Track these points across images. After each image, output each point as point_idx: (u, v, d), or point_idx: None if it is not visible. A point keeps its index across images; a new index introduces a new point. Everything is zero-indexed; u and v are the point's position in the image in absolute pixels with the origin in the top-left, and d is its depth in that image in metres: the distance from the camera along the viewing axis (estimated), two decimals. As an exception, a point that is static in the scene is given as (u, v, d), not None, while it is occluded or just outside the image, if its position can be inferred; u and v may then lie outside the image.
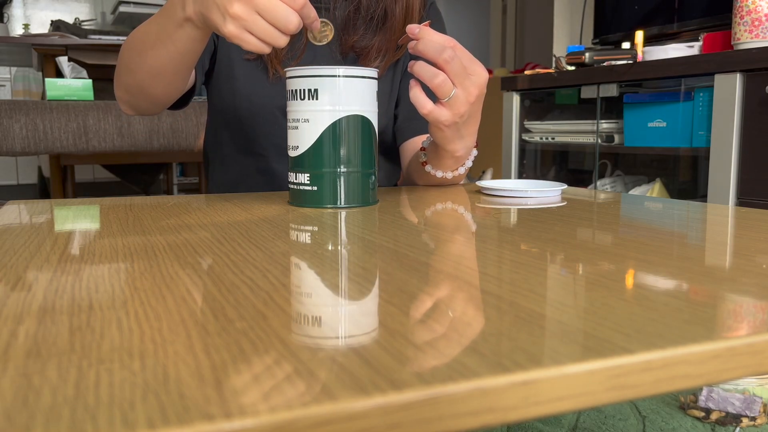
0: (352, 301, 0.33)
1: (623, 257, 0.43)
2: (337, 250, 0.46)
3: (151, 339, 0.27)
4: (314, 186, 0.67)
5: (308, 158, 0.67)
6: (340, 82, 0.65)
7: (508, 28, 3.94)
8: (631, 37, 2.21)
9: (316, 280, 0.38)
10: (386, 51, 0.96)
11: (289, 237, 0.51)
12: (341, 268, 0.41)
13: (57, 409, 0.20)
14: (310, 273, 0.39)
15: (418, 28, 0.69)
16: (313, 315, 0.30)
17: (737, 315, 0.30)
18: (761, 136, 1.56)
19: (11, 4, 4.25)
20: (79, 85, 2.25)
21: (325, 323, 0.29)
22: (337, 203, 0.68)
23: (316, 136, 0.66)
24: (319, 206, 0.67)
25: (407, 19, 0.96)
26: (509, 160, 2.42)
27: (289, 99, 0.68)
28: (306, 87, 0.65)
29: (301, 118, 0.66)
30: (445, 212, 0.67)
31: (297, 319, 0.30)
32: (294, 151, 0.68)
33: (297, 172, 0.68)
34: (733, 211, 0.67)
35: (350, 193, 0.68)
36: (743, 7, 1.72)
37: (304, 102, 0.66)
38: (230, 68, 0.96)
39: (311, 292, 0.35)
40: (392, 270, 0.40)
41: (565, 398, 0.24)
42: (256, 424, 0.20)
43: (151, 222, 0.59)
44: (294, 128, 0.67)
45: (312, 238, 0.51)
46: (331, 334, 0.28)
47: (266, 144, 0.98)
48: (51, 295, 0.34)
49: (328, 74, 0.65)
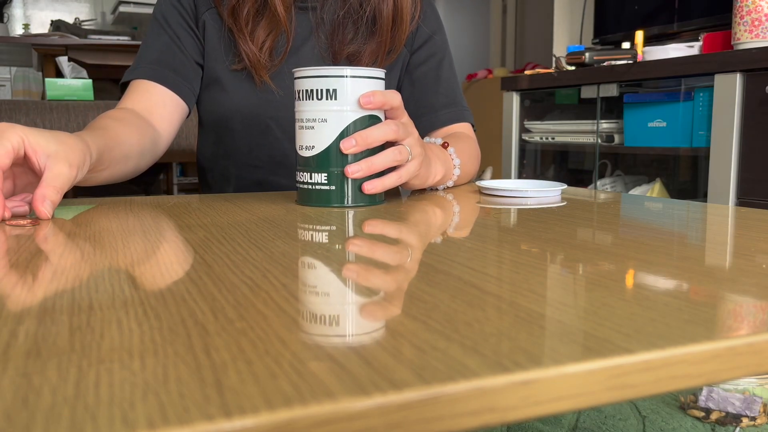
0: (352, 301, 0.33)
1: (623, 257, 0.43)
2: (337, 249, 0.46)
3: (151, 339, 0.27)
4: (332, 185, 0.67)
5: (326, 157, 0.67)
6: (360, 83, 0.66)
7: (508, 28, 3.94)
8: (631, 37, 2.21)
9: (316, 280, 0.38)
10: (378, 56, 0.95)
11: (289, 237, 0.51)
12: (341, 267, 0.41)
13: (57, 409, 0.20)
14: (311, 273, 0.39)
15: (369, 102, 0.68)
16: (313, 315, 0.30)
17: (737, 315, 0.30)
18: (761, 136, 1.56)
19: (11, 4, 4.25)
20: (79, 85, 2.25)
21: (325, 323, 0.29)
22: (352, 202, 0.68)
23: (335, 135, 0.66)
24: (335, 205, 0.68)
25: (397, 20, 0.94)
26: (509, 160, 2.42)
27: (301, 99, 0.68)
28: (324, 87, 0.66)
29: (318, 118, 0.66)
30: (445, 212, 0.67)
31: (297, 319, 0.30)
32: (308, 150, 0.68)
33: (312, 172, 0.68)
34: (733, 211, 0.67)
35: (355, 194, 0.68)
36: (743, 7, 1.72)
37: (322, 102, 0.66)
38: (218, 81, 0.95)
39: (311, 292, 0.35)
40: (392, 269, 0.40)
41: (565, 398, 0.24)
42: (256, 424, 0.20)
43: (151, 222, 0.59)
44: (309, 128, 0.67)
45: (312, 237, 0.51)
46: (331, 333, 0.28)
47: (261, 155, 0.97)
48: (51, 295, 0.34)
49: (349, 74, 0.66)
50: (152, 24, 0.96)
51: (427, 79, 1.02)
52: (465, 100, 1.06)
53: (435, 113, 1.00)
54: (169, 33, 0.93)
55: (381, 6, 0.93)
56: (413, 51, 1.02)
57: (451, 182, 0.84)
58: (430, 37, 1.02)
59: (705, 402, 1.05)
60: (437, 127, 1.00)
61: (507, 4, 3.93)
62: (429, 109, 1.01)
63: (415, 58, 1.02)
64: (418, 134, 0.72)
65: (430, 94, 1.01)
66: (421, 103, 1.01)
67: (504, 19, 3.97)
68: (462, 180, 0.90)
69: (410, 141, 0.69)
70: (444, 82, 1.02)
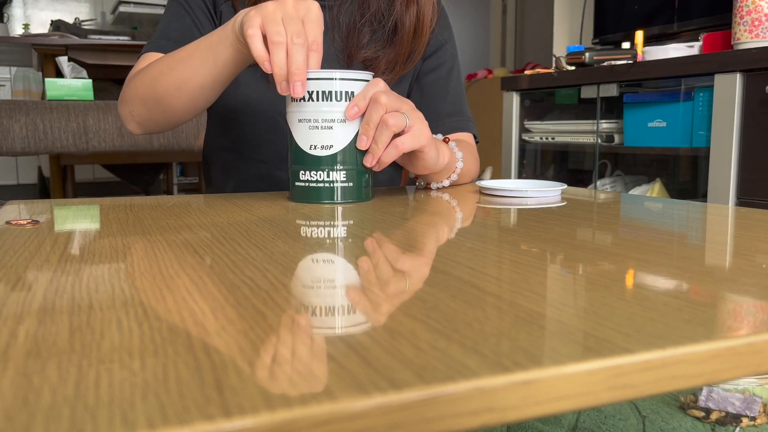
0: (352, 301, 0.33)
1: (623, 257, 0.43)
2: (337, 249, 0.46)
3: (151, 339, 0.27)
4: (350, 182, 0.72)
5: (344, 156, 0.71)
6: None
7: (508, 28, 3.94)
8: (631, 37, 2.21)
9: (316, 279, 0.38)
10: (396, 64, 0.96)
11: (289, 236, 0.51)
12: (342, 267, 0.41)
13: (57, 409, 0.20)
14: (311, 273, 0.39)
15: (354, 109, 0.69)
16: (312, 315, 0.30)
17: (737, 315, 0.30)
18: (761, 136, 1.56)
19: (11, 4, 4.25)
20: (79, 85, 2.25)
21: (325, 323, 0.29)
22: (372, 196, 0.75)
23: (353, 135, 0.70)
24: (351, 201, 0.72)
25: (417, 32, 0.95)
26: (509, 159, 2.42)
27: (317, 100, 0.69)
28: (343, 89, 0.69)
29: (337, 118, 0.69)
30: (445, 212, 0.67)
31: (297, 318, 0.30)
32: (326, 150, 0.70)
33: (329, 170, 0.71)
34: (733, 211, 0.67)
35: (364, 189, 0.74)
36: (743, 7, 1.72)
37: (341, 103, 0.69)
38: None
39: (311, 292, 0.35)
40: (393, 269, 0.40)
41: (565, 398, 0.24)
42: (256, 424, 0.20)
43: (151, 222, 0.59)
44: (327, 128, 0.70)
45: (312, 237, 0.51)
46: (331, 333, 0.28)
47: (267, 151, 0.98)
48: (51, 295, 0.34)
49: (363, 78, 0.70)
50: (172, 4, 0.96)
51: (436, 87, 1.03)
52: (470, 111, 1.07)
53: (440, 121, 1.02)
54: (191, 16, 0.94)
55: (404, 17, 0.93)
56: (425, 57, 1.03)
57: (455, 175, 0.85)
58: (442, 45, 1.03)
59: (705, 402, 1.05)
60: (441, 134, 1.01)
61: (507, 4, 3.93)
62: (434, 117, 1.02)
63: (426, 65, 1.03)
64: (413, 104, 0.73)
65: (438, 102, 1.03)
66: (428, 110, 1.03)
67: (504, 19, 3.97)
68: (463, 179, 0.90)
69: (405, 108, 0.71)
70: (452, 91, 1.04)
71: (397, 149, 0.70)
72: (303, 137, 0.70)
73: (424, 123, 0.72)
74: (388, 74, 0.96)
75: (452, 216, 0.65)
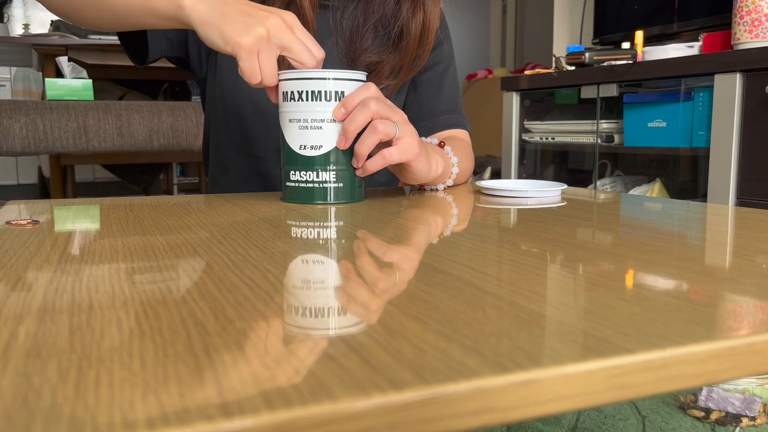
0: (352, 301, 0.33)
1: (623, 257, 0.43)
2: (336, 249, 0.46)
3: (151, 339, 0.27)
4: (340, 183, 0.71)
5: (334, 157, 0.70)
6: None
7: (508, 28, 3.95)
8: (631, 37, 2.21)
9: (316, 279, 0.38)
10: (400, 69, 0.96)
11: (289, 236, 0.51)
12: (341, 267, 0.41)
13: (57, 409, 0.20)
14: (311, 273, 0.39)
15: (341, 110, 0.69)
16: (313, 315, 0.30)
17: (737, 315, 0.30)
18: (761, 136, 1.56)
19: (11, 4, 4.25)
20: (79, 85, 2.25)
21: (325, 323, 0.29)
22: (364, 196, 0.74)
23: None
24: (342, 201, 0.72)
25: (423, 38, 0.95)
26: (509, 160, 2.42)
27: (307, 100, 0.69)
28: (333, 89, 0.69)
29: (326, 118, 0.69)
30: (445, 212, 0.67)
31: (297, 319, 0.30)
32: (316, 150, 0.70)
33: (320, 171, 0.70)
34: (733, 211, 0.67)
35: (356, 189, 0.73)
36: (743, 7, 1.72)
37: (330, 103, 0.69)
38: (234, 66, 0.95)
39: (311, 292, 0.35)
40: (393, 269, 0.40)
41: (565, 398, 0.24)
42: (256, 424, 0.20)
43: (151, 222, 0.59)
44: (316, 128, 0.69)
45: (312, 237, 0.51)
46: (332, 333, 0.28)
47: (266, 147, 0.98)
48: (51, 295, 0.34)
49: (354, 78, 0.70)
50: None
51: (431, 85, 1.03)
52: (464, 109, 1.07)
53: (435, 118, 1.02)
54: None
55: (410, 24, 0.93)
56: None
57: (450, 181, 0.85)
58: (439, 44, 1.04)
59: (705, 402, 1.05)
60: (436, 131, 1.02)
61: (507, 4, 3.93)
62: (429, 114, 1.02)
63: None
64: (406, 117, 0.73)
65: (432, 99, 1.03)
66: (422, 107, 1.03)
67: (504, 19, 3.97)
68: (460, 180, 0.90)
69: (396, 118, 0.70)
70: (446, 90, 1.04)
71: (384, 159, 0.70)
72: (293, 137, 0.70)
73: (414, 136, 0.72)
74: (392, 79, 0.96)
75: (452, 216, 0.65)
